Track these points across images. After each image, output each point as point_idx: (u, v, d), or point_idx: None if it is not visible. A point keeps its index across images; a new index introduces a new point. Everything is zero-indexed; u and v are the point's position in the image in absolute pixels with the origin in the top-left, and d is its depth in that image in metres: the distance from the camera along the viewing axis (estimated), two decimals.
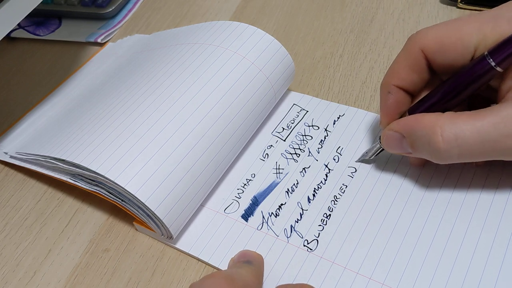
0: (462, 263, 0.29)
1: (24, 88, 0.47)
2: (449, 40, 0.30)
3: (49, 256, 0.34)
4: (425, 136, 0.29)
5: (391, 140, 0.32)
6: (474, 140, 0.28)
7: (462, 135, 0.28)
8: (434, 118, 0.29)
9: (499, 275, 0.29)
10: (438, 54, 0.30)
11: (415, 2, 0.50)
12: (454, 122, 0.28)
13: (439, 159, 0.29)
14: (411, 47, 0.31)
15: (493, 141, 0.28)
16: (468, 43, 0.29)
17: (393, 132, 0.32)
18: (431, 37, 0.31)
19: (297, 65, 0.44)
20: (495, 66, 0.28)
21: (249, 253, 0.31)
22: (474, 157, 0.29)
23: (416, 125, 0.30)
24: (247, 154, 0.38)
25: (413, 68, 0.31)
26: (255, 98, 0.37)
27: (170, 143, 0.32)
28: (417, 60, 0.31)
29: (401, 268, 0.30)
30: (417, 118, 0.30)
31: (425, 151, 0.30)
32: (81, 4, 0.54)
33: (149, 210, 0.30)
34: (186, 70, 0.37)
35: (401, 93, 0.32)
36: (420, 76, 0.32)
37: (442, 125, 0.28)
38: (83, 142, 0.34)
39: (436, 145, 0.29)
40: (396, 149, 0.32)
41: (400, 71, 0.32)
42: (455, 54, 0.30)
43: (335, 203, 0.34)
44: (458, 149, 0.28)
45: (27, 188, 0.38)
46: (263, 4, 0.53)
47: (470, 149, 0.28)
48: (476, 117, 0.28)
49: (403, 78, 0.32)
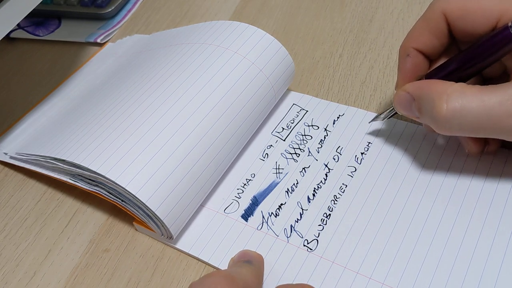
0: (462, 262, 0.29)
1: (24, 89, 0.47)
2: (472, 8, 0.30)
3: (49, 257, 0.34)
4: (431, 101, 0.29)
5: (401, 100, 0.32)
6: (478, 114, 0.28)
7: (468, 107, 0.28)
8: (445, 85, 0.29)
9: (498, 275, 0.29)
10: (460, 20, 0.31)
11: (415, 1, 0.50)
12: (463, 92, 0.28)
13: (439, 127, 0.29)
14: (433, 12, 0.32)
15: (496, 118, 0.28)
16: (489, 13, 0.29)
17: (405, 93, 0.32)
18: (454, 2, 0.31)
19: (296, 65, 0.44)
20: None
21: (249, 253, 0.31)
22: (474, 132, 0.29)
23: (426, 89, 0.30)
24: (247, 154, 0.38)
25: (434, 32, 0.32)
26: (255, 98, 0.37)
27: (170, 143, 0.32)
28: (438, 24, 0.31)
29: (401, 268, 0.30)
30: (429, 83, 0.30)
31: (428, 116, 0.30)
32: (81, 4, 0.54)
33: (150, 210, 0.30)
34: (186, 70, 0.37)
35: (420, 57, 0.33)
36: (440, 40, 0.32)
37: (450, 93, 0.28)
38: (83, 142, 0.34)
39: (439, 111, 0.29)
40: (405, 110, 0.32)
41: (421, 35, 0.32)
42: (477, 22, 0.30)
43: (335, 202, 0.34)
44: (459, 119, 0.28)
45: (27, 189, 0.38)
46: (263, 4, 0.53)
47: (472, 122, 0.28)
48: (484, 92, 0.28)
49: (423, 42, 0.32)
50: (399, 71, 0.34)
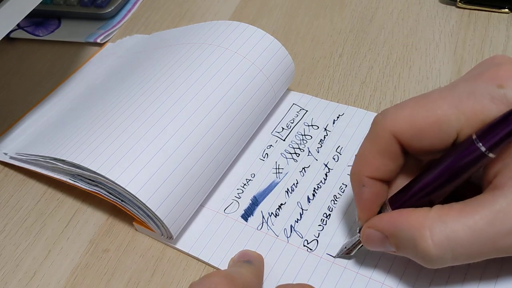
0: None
1: (24, 89, 0.47)
2: (424, 123, 0.26)
3: (49, 257, 0.34)
4: (411, 239, 0.25)
5: (372, 240, 0.28)
6: (468, 242, 0.24)
7: (455, 238, 0.24)
8: (421, 217, 0.25)
9: (501, 268, 0.29)
10: (413, 139, 0.26)
11: (414, 1, 0.50)
12: (444, 221, 0.25)
13: (430, 264, 0.26)
14: (380, 133, 0.27)
15: (490, 241, 0.24)
16: (447, 126, 0.25)
17: (373, 231, 0.27)
18: (402, 120, 0.26)
19: (296, 65, 0.44)
20: (486, 152, 0.24)
21: (249, 253, 0.31)
22: (471, 259, 0.25)
23: (400, 225, 0.26)
24: (247, 154, 0.38)
25: (386, 155, 0.27)
26: (255, 98, 0.37)
27: (170, 143, 0.32)
28: (389, 146, 0.27)
29: (402, 268, 0.30)
30: (402, 216, 0.26)
31: (412, 254, 0.26)
32: (81, 4, 0.54)
33: (150, 210, 0.30)
34: (186, 70, 0.37)
35: (377, 184, 0.28)
36: (395, 162, 0.27)
37: (431, 227, 0.25)
38: (83, 143, 0.34)
39: (425, 250, 0.25)
40: (378, 248, 0.28)
41: (372, 160, 0.27)
42: (434, 138, 0.26)
43: (335, 202, 0.34)
44: (451, 253, 0.25)
45: (27, 189, 0.38)
46: (262, 4, 0.53)
47: (465, 252, 0.25)
48: (467, 215, 0.24)
49: (376, 168, 0.27)
50: (357, 203, 0.29)
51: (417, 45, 0.45)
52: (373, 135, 0.28)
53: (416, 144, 0.26)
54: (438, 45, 0.44)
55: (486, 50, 0.43)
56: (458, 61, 0.42)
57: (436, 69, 0.42)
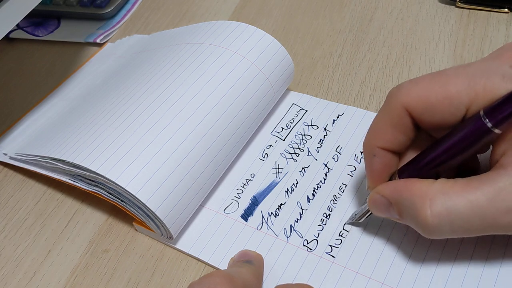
0: (462, 261, 0.29)
1: (23, 89, 0.47)
2: (436, 99, 0.27)
3: (49, 257, 0.34)
4: (412, 207, 0.26)
5: (377, 204, 0.29)
6: (468, 216, 0.25)
7: (455, 210, 0.25)
8: (425, 187, 0.26)
9: (498, 274, 0.29)
10: (425, 114, 0.27)
11: (414, 1, 0.50)
12: (446, 193, 0.25)
13: (428, 234, 0.26)
14: (394, 105, 0.28)
15: (490, 217, 0.25)
16: (458, 102, 0.26)
17: (380, 196, 0.29)
18: (415, 94, 0.27)
19: (296, 65, 0.44)
20: (492, 128, 0.25)
21: (249, 253, 0.31)
22: (468, 233, 0.26)
23: (404, 193, 0.27)
24: (247, 154, 0.38)
25: (398, 127, 0.28)
26: (255, 98, 0.37)
27: (170, 144, 0.32)
28: (401, 119, 0.28)
29: (401, 268, 0.30)
30: (407, 185, 0.27)
31: (413, 222, 0.27)
32: (80, 4, 0.54)
33: (150, 210, 0.30)
34: (186, 70, 0.37)
35: (388, 155, 0.29)
36: (406, 135, 0.29)
37: (432, 197, 0.26)
38: (83, 143, 0.34)
39: (424, 219, 0.26)
40: (383, 214, 0.29)
41: (384, 132, 0.29)
42: (444, 113, 0.27)
43: (335, 202, 0.34)
44: (450, 225, 0.25)
45: (27, 189, 0.38)
46: (262, 4, 0.53)
47: (464, 225, 0.25)
48: (470, 190, 0.25)
49: (388, 140, 0.29)
50: (367, 173, 0.30)
51: (416, 45, 0.45)
52: (387, 108, 0.29)
53: (427, 119, 0.27)
54: (438, 45, 0.44)
55: (486, 49, 0.43)
56: (457, 61, 0.42)
57: (436, 68, 0.42)
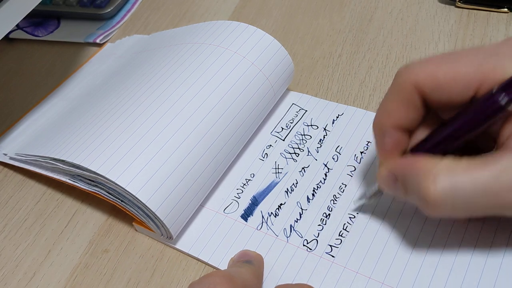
0: (462, 261, 0.30)
1: (23, 89, 0.47)
2: (445, 78, 0.27)
3: (49, 257, 0.34)
4: (416, 182, 0.26)
5: (384, 180, 0.29)
6: (472, 193, 0.25)
7: (459, 186, 0.25)
8: (431, 163, 0.26)
9: (498, 274, 0.29)
10: (434, 92, 0.27)
11: (414, 1, 0.50)
12: (450, 170, 0.25)
13: (430, 210, 0.26)
14: (403, 83, 0.28)
15: (493, 195, 0.25)
16: (466, 82, 0.26)
17: (387, 171, 0.29)
18: (425, 73, 0.27)
19: (296, 65, 0.44)
20: (506, 105, 0.25)
21: (249, 253, 0.31)
22: (471, 211, 0.26)
23: (410, 168, 0.27)
24: (247, 154, 0.38)
25: (408, 105, 0.28)
26: (254, 98, 0.37)
27: (170, 144, 0.32)
28: (411, 97, 0.28)
29: (401, 267, 0.30)
30: (414, 160, 0.27)
31: (416, 197, 0.27)
32: (80, 4, 0.54)
33: (150, 210, 0.30)
34: (186, 70, 0.37)
35: (398, 134, 0.29)
36: (417, 113, 0.29)
37: (437, 174, 0.25)
38: (83, 143, 0.34)
39: (426, 193, 0.25)
40: (389, 189, 0.29)
41: (395, 110, 0.29)
42: (452, 93, 0.27)
43: (335, 202, 0.34)
44: (452, 202, 0.25)
45: (27, 189, 0.38)
46: (262, 4, 0.53)
47: (466, 202, 0.25)
48: (475, 168, 0.25)
49: (398, 118, 0.29)
50: (379, 152, 0.30)
51: (416, 45, 0.45)
52: (396, 86, 0.29)
53: (436, 98, 0.28)
54: (438, 45, 0.44)
55: None
56: None
57: None
